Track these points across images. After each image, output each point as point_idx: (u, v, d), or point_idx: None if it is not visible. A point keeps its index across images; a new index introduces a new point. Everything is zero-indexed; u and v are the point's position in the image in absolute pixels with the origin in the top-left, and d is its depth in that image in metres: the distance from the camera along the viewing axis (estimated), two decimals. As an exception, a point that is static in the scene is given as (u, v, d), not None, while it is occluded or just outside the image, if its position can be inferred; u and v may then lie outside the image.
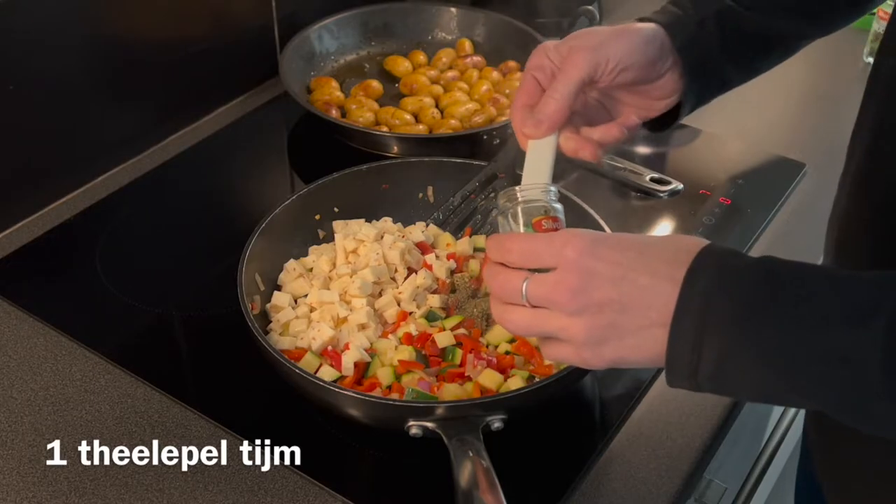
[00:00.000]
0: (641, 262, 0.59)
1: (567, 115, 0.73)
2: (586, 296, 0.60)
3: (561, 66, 0.73)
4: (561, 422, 0.89)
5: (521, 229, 0.68)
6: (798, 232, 1.14)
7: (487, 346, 0.89)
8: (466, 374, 0.86)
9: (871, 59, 1.46)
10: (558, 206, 0.69)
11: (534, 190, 0.69)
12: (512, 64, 1.36)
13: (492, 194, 1.03)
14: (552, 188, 0.70)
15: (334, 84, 1.31)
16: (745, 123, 1.32)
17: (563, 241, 0.61)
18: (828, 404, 0.57)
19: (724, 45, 0.79)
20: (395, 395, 0.84)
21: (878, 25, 1.43)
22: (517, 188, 0.69)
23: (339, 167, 1.01)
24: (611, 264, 0.60)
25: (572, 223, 0.97)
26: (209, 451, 0.85)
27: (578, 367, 0.80)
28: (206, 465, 0.84)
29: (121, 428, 0.88)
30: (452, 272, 0.97)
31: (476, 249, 1.01)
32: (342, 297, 0.93)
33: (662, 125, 0.82)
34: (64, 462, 0.84)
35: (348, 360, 0.86)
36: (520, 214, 0.68)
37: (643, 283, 0.59)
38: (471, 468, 0.72)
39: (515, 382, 0.84)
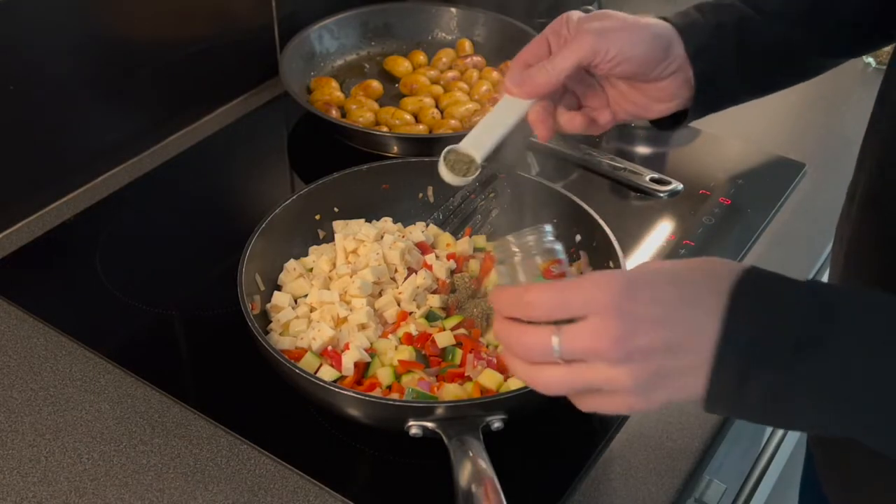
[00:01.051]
0: (680, 297, 0.56)
1: (552, 89, 0.73)
2: (630, 342, 0.55)
3: (567, 42, 0.73)
4: (561, 422, 0.89)
5: (531, 279, 0.63)
6: (798, 232, 1.14)
7: (487, 346, 0.89)
8: (466, 374, 0.86)
9: (871, 59, 1.46)
10: (558, 246, 0.65)
11: (530, 236, 0.65)
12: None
13: (492, 195, 1.03)
14: (547, 228, 0.65)
15: (334, 84, 1.31)
16: (745, 123, 1.32)
17: (593, 285, 0.56)
18: (889, 437, 0.55)
19: (739, 56, 0.78)
20: (395, 395, 0.84)
21: None
22: (510, 238, 0.65)
23: (339, 167, 1.01)
24: (650, 304, 0.56)
25: (572, 225, 0.98)
26: (209, 451, 0.85)
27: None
28: (206, 465, 0.84)
29: (121, 428, 0.88)
30: (452, 272, 0.97)
31: (476, 249, 1.01)
32: (342, 297, 0.93)
33: (668, 125, 0.82)
34: (64, 462, 0.84)
35: (348, 360, 0.86)
36: (527, 264, 0.64)
37: (686, 320, 0.55)
38: (471, 468, 0.72)
39: (515, 382, 0.84)
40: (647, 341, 0.55)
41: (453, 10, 1.42)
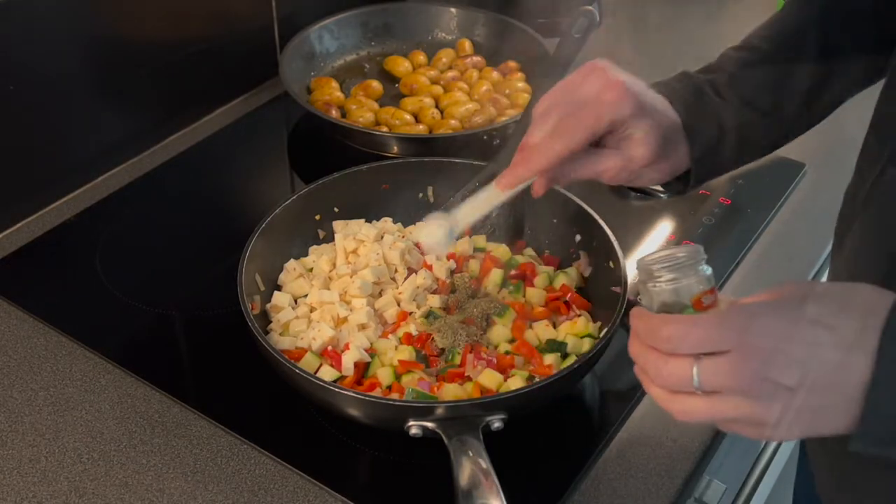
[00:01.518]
0: (825, 335, 0.54)
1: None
2: (771, 380, 0.54)
3: (602, 159, 0.76)
4: (561, 422, 0.89)
5: (676, 308, 0.59)
6: (798, 232, 1.14)
7: (487, 346, 0.89)
8: (466, 374, 0.86)
9: None
10: (710, 271, 0.60)
11: (681, 255, 0.59)
12: (512, 64, 1.35)
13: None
14: (701, 250, 0.60)
15: (334, 84, 1.31)
16: (745, 123, 1.32)
17: (735, 321, 0.55)
18: None
19: (738, 153, 0.81)
20: (395, 395, 0.84)
21: None
22: (659, 258, 0.59)
23: (339, 167, 1.01)
24: (793, 342, 0.54)
25: (572, 225, 0.98)
26: (209, 451, 0.85)
27: (578, 368, 0.80)
28: (206, 465, 0.84)
29: (121, 428, 0.88)
30: (452, 272, 0.97)
31: (476, 249, 1.01)
32: (342, 297, 0.93)
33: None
34: (64, 462, 0.84)
35: (348, 360, 0.86)
36: (674, 290, 0.59)
37: (833, 359, 0.53)
38: (471, 468, 0.72)
39: (515, 382, 0.84)
40: (788, 380, 0.54)
41: (453, 10, 1.42)
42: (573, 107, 0.73)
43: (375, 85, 1.32)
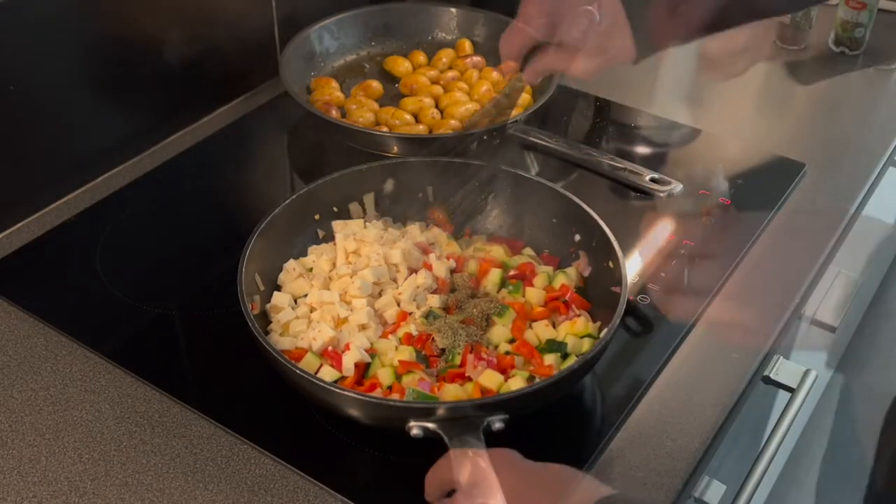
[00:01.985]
0: None
1: None
2: None
3: None
4: (561, 422, 0.89)
5: None
6: (798, 232, 1.14)
7: (487, 346, 0.89)
8: (467, 375, 0.86)
9: (834, 47, 1.44)
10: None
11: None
12: (512, 64, 1.35)
13: (492, 194, 1.03)
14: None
15: (334, 84, 1.31)
16: (745, 123, 1.32)
17: None
18: None
19: None
20: (395, 396, 0.84)
21: (843, 12, 1.42)
22: None
23: (339, 167, 1.01)
24: None
25: (572, 225, 0.98)
26: (209, 451, 0.85)
27: (578, 368, 0.80)
28: (206, 465, 0.84)
29: (121, 428, 0.88)
30: (452, 272, 0.97)
31: (476, 249, 1.01)
32: (342, 298, 0.93)
33: None
34: (64, 462, 0.84)
35: (349, 361, 0.86)
36: None
37: None
38: (471, 468, 0.72)
39: (516, 383, 0.84)
40: None
41: (453, 10, 1.42)
42: None
43: (375, 85, 1.32)
